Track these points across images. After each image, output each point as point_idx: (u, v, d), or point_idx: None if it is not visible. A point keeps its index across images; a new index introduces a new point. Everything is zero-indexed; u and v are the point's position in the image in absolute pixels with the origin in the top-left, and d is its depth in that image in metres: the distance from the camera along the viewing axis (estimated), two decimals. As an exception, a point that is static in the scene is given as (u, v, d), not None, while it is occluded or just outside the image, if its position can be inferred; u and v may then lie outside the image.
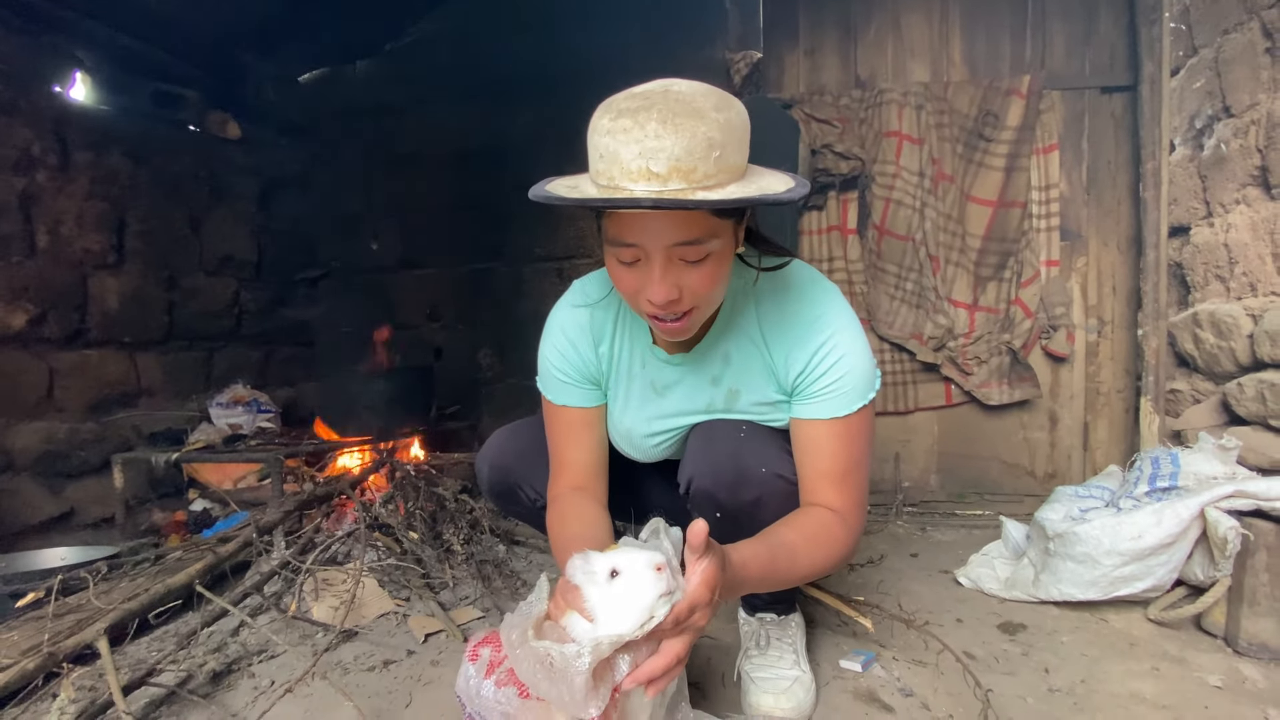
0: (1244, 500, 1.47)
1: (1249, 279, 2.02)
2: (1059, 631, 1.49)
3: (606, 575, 0.77)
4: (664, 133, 0.80)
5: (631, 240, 0.89)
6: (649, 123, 0.81)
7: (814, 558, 0.99)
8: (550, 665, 0.72)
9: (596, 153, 0.85)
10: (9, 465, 2.25)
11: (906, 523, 2.34)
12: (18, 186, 2.36)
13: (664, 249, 0.88)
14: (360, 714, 1.09)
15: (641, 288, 0.92)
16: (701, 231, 0.88)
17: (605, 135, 0.83)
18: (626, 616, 0.75)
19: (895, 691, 1.21)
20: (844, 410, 1.04)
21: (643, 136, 0.81)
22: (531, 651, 0.74)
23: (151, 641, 1.44)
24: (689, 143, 0.80)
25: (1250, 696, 1.24)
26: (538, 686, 0.74)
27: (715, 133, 0.82)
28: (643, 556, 0.77)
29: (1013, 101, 2.52)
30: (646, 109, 0.82)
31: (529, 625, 0.79)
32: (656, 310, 0.93)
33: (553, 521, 1.11)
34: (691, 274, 0.91)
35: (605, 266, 0.99)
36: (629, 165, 0.81)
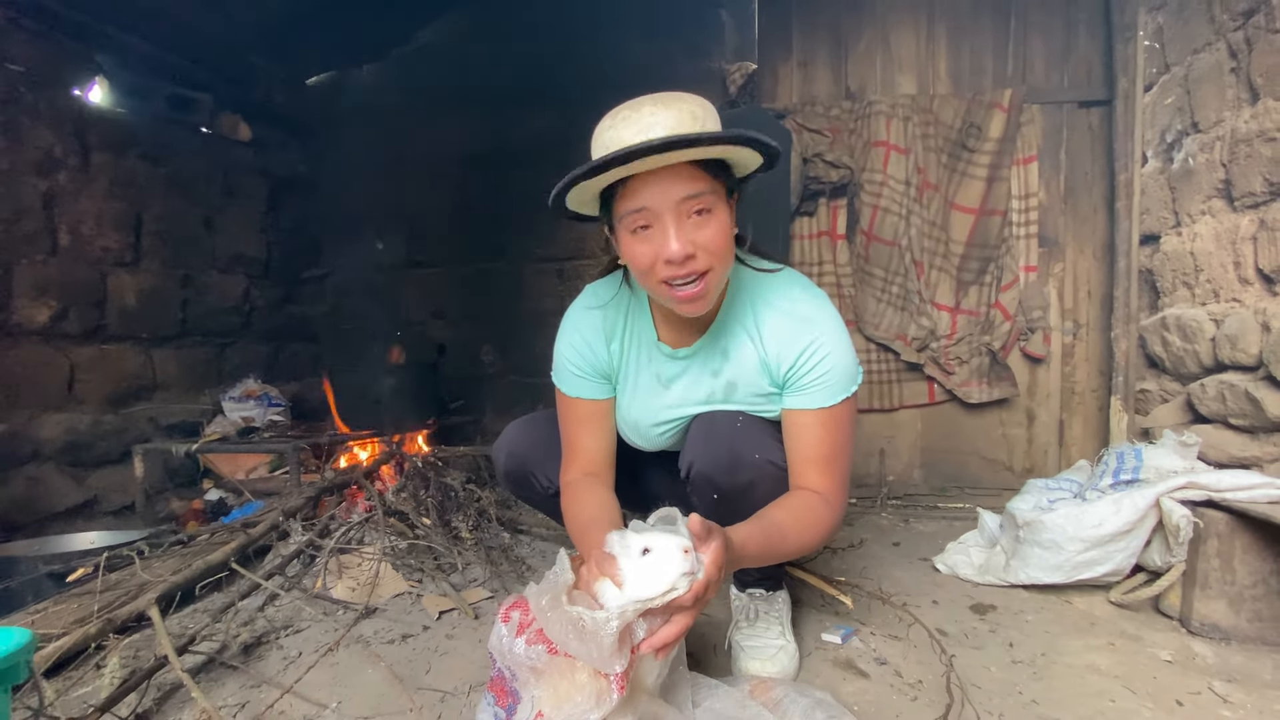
0: (1196, 491, 1.59)
1: (1212, 286, 2.15)
2: (1025, 611, 1.61)
3: (639, 551, 0.86)
4: (657, 110, 0.98)
5: (641, 204, 1.01)
6: (643, 107, 0.99)
7: (802, 536, 1.10)
8: (582, 627, 0.82)
9: (602, 145, 1.01)
10: (35, 454, 2.35)
11: (890, 514, 2.46)
12: (41, 187, 2.45)
13: (672, 205, 1.01)
14: (391, 673, 1.21)
15: (658, 251, 1.02)
16: (702, 186, 1.01)
17: (609, 130, 1.01)
18: (653, 585, 0.84)
19: (871, 661, 1.33)
20: (829, 401, 1.16)
21: (639, 118, 0.98)
22: (564, 615, 0.83)
23: (184, 617, 1.54)
24: (678, 114, 0.98)
25: (1197, 670, 1.35)
26: (568, 645, 0.83)
27: (697, 108, 1.00)
28: (673, 539, 0.86)
29: (995, 114, 2.64)
30: (640, 103, 1.01)
31: (560, 592, 0.88)
32: (675, 272, 1.03)
33: (569, 504, 1.21)
34: (700, 231, 1.02)
35: (621, 257, 1.11)
36: (629, 140, 0.97)
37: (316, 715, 1.15)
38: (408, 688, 1.22)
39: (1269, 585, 1.50)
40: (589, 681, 0.85)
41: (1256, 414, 1.89)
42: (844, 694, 1.20)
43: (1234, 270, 2.05)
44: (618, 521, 1.14)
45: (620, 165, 0.97)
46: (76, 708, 1.16)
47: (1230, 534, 1.52)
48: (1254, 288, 1.98)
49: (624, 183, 1.03)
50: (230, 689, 1.26)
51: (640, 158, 0.96)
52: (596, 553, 0.92)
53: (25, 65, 2.42)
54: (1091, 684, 1.27)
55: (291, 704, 1.18)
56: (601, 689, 0.83)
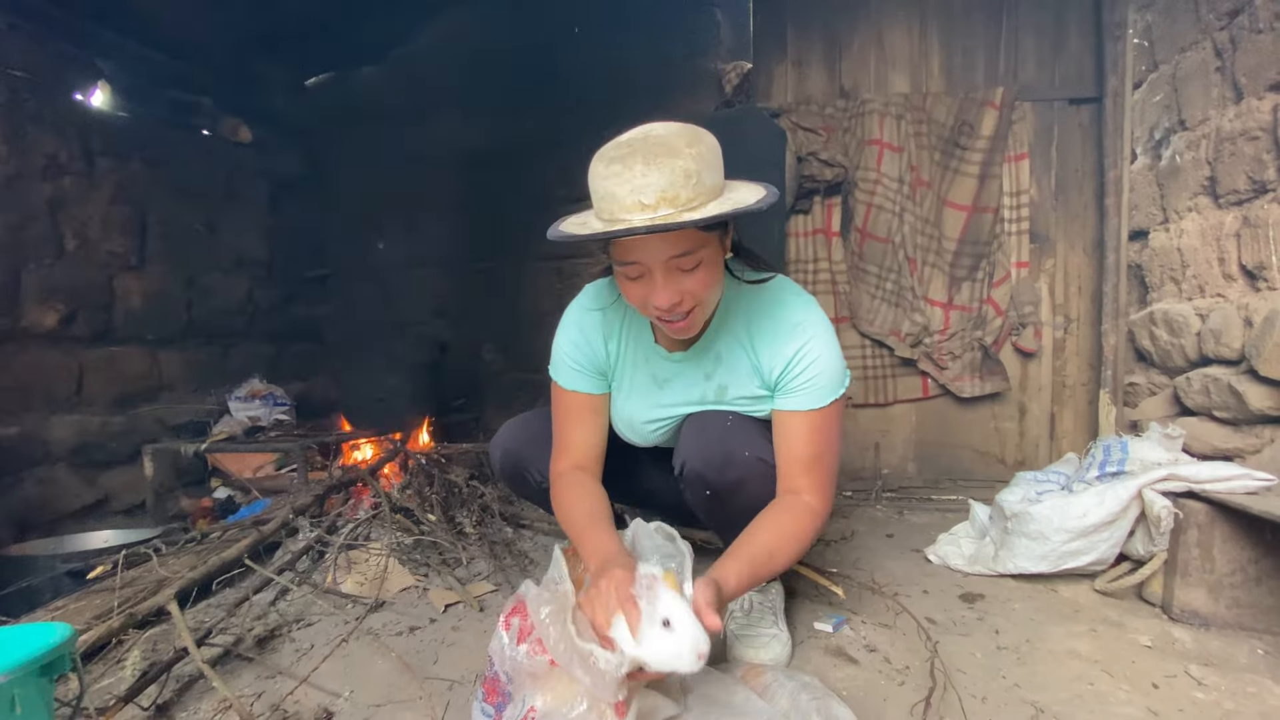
0: (1177, 483, 1.64)
1: (1198, 281, 2.19)
2: (1012, 600, 1.67)
3: (661, 620, 0.87)
4: (648, 171, 0.98)
5: (634, 259, 1.07)
6: (635, 165, 0.99)
7: (788, 554, 1.16)
8: (593, 664, 0.84)
9: (597, 195, 1.04)
10: (47, 455, 2.41)
11: (885, 507, 2.51)
12: (46, 192, 2.49)
13: (662, 263, 1.05)
14: (401, 663, 1.26)
15: (648, 296, 1.09)
16: (691, 244, 1.05)
17: (602, 180, 1.02)
18: (663, 659, 0.86)
19: (861, 648, 1.39)
20: (818, 404, 1.21)
21: (631, 177, 0.99)
22: (575, 647, 0.85)
23: (199, 612, 1.60)
24: (670, 176, 0.98)
25: (1176, 655, 1.40)
26: (572, 670, 0.85)
27: (690, 164, 1.00)
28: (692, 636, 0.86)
29: (987, 112, 2.68)
30: (631, 155, 1.00)
31: (566, 614, 0.90)
32: (663, 314, 1.10)
33: (560, 496, 1.26)
34: (688, 279, 1.08)
35: (615, 278, 1.17)
36: (624, 200, 1.00)
37: (331, 703, 1.20)
38: (417, 677, 1.28)
39: (1247, 573, 1.55)
40: (587, 695, 0.88)
41: (1239, 407, 1.94)
42: (833, 679, 1.26)
43: (1219, 266, 2.09)
44: (611, 519, 1.18)
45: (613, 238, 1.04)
46: (99, 699, 1.21)
47: (1210, 524, 1.56)
48: (1238, 283, 2.02)
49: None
50: (246, 680, 1.32)
51: (626, 236, 1.01)
52: (620, 583, 0.92)
53: (27, 71, 2.45)
54: (1072, 668, 1.32)
55: (306, 693, 1.24)
56: (601, 710, 0.87)
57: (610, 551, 1.05)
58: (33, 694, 0.64)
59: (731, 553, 1.09)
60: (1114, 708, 1.18)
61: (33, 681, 0.64)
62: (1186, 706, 1.19)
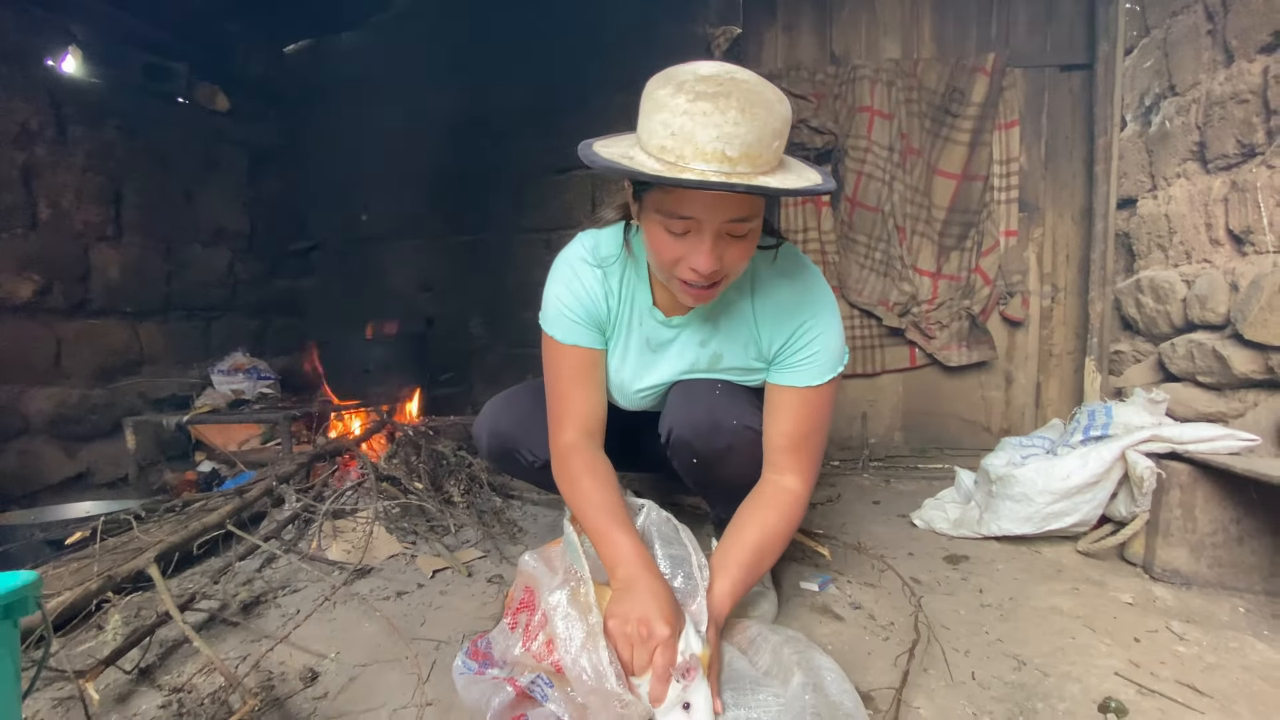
0: (1161, 444, 1.66)
1: (1185, 248, 2.19)
2: (996, 561, 1.69)
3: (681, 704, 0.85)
4: (742, 120, 0.86)
5: (689, 214, 0.95)
6: (730, 109, 0.86)
7: (778, 547, 1.15)
8: (620, 707, 0.83)
9: (668, 129, 0.88)
10: (26, 428, 2.37)
11: (872, 475, 2.53)
12: (18, 160, 2.42)
13: (718, 225, 0.96)
14: (388, 624, 1.25)
15: (685, 256, 0.99)
16: (751, 211, 0.97)
17: (681, 115, 0.87)
18: None
19: (846, 606, 1.40)
20: (815, 381, 1.18)
21: (723, 121, 0.86)
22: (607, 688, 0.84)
23: (183, 579, 1.58)
24: (760, 132, 0.88)
25: (1157, 612, 1.42)
26: (589, 698, 0.84)
27: (779, 124, 0.91)
28: None
29: (978, 79, 2.65)
30: (724, 95, 0.87)
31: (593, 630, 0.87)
32: (698, 278, 1.00)
33: (572, 475, 1.17)
34: (733, 248, 1.00)
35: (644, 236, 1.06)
36: (704, 146, 0.87)
37: (317, 664, 1.19)
38: (403, 638, 1.27)
39: (1228, 533, 1.57)
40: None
41: (1223, 371, 1.95)
42: (819, 635, 1.27)
43: (1205, 232, 2.09)
44: (626, 509, 1.13)
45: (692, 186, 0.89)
46: (80, 663, 1.20)
47: (1192, 484, 1.58)
48: (1224, 248, 2.03)
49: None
50: (231, 644, 1.31)
51: (705, 189, 0.89)
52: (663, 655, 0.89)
53: (-3, 35, 2.37)
54: (1054, 624, 1.34)
55: (292, 655, 1.23)
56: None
57: (634, 561, 1.01)
58: (-4, 637, 0.62)
59: (723, 565, 1.07)
60: (1096, 660, 1.19)
61: (-4, 624, 0.63)
62: (1168, 659, 1.21)
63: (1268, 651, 1.25)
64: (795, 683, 0.83)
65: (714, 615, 0.98)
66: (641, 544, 1.05)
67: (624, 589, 0.97)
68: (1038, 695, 1.08)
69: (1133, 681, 1.12)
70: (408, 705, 1.06)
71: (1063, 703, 1.06)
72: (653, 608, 0.92)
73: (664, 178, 0.88)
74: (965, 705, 1.05)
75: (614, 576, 1.01)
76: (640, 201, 1.04)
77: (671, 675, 0.87)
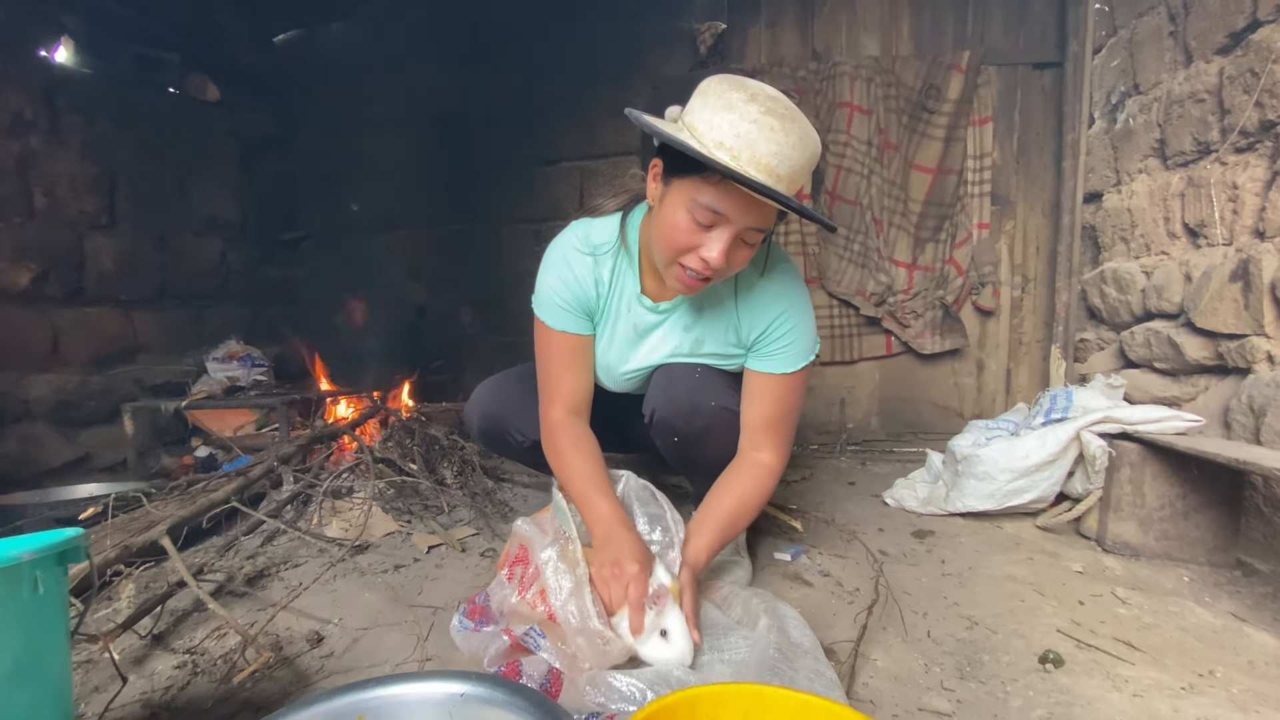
0: (1113, 425, 1.76)
1: (1145, 240, 2.30)
2: (960, 535, 1.79)
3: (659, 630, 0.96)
4: (798, 146, 0.99)
5: (722, 210, 1.04)
6: (793, 134, 0.99)
7: (751, 512, 1.28)
8: (599, 645, 0.92)
9: (733, 130, 0.98)
10: (27, 413, 2.42)
11: (849, 459, 2.64)
12: (13, 150, 2.46)
13: (741, 227, 1.06)
14: (388, 590, 1.34)
15: (700, 246, 1.08)
16: (769, 223, 1.09)
17: (750, 122, 0.97)
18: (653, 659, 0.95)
19: (816, 574, 1.50)
20: (789, 368, 1.30)
21: (785, 142, 0.98)
22: (588, 625, 0.93)
23: (189, 555, 1.65)
24: (805, 161, 1.02)
25: (1104, 580, 1.53)
26: (574, 638, 0.93)
27: (812, 161, 1.04)
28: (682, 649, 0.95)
29: (953, 76, 2.74)
30: (792, 120, 1.00)
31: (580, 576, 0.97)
32: (703, 269, 1.09)
33: (559, 446, 1.28)
34: (740, 252, 1.11)
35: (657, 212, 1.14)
36: (762, 157, 0.98)
37: (321, 628, 1.28)
38: (402, 605, 1.36)
39: (1174, 508, 1.68)
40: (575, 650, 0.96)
41: (1177, 358, 2.06)
42: (789, 599, 1.36)
43: (1164, 225, 2.20)
44: (608, 477, 1.23)
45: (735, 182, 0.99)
46: (96, 628, 1.27)
47: (1141, 462, 1.69)
48: (1180, 241, 2.14)
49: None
50: (239, 612, 1.38)
51: (763, 195, 0.99)
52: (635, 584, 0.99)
53: (-11, 25, 2.40)
54: (1007, 589, 1.44)
55: (298, 620, 1.31)
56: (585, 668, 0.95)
57: (613, 520, 1.12)
58: (51, 580, 0.70)
59: (701, 523, 1.19)
60: (1041, 619, 1.30)
61: (50, 567, 0.71)
62: (1108, 619, 1.31)
63: (1205, 615, 1.35)
64: (761, 626, 0.93)
65: (690, 561, 1.09)
66: (619, 506, 1.16)
67: (602, 543, 1.08)
68: (985, 649, 1.18)
69: (1072, 638, 1.22)
70: (409, 660, 1.15)
71: (1007, 655, 1.16)
72: (625, 552, 1.03)
73: (726, 168, 0.97)
74: (918, 658, 1.15)
75: (594, 534, 1.12)
76: (668, 184, 1.11)
77: (644, 604, 0.97)
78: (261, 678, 1.11)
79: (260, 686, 1.09)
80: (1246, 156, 1.86)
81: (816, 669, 0.88)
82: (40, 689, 0.70)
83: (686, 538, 1.14)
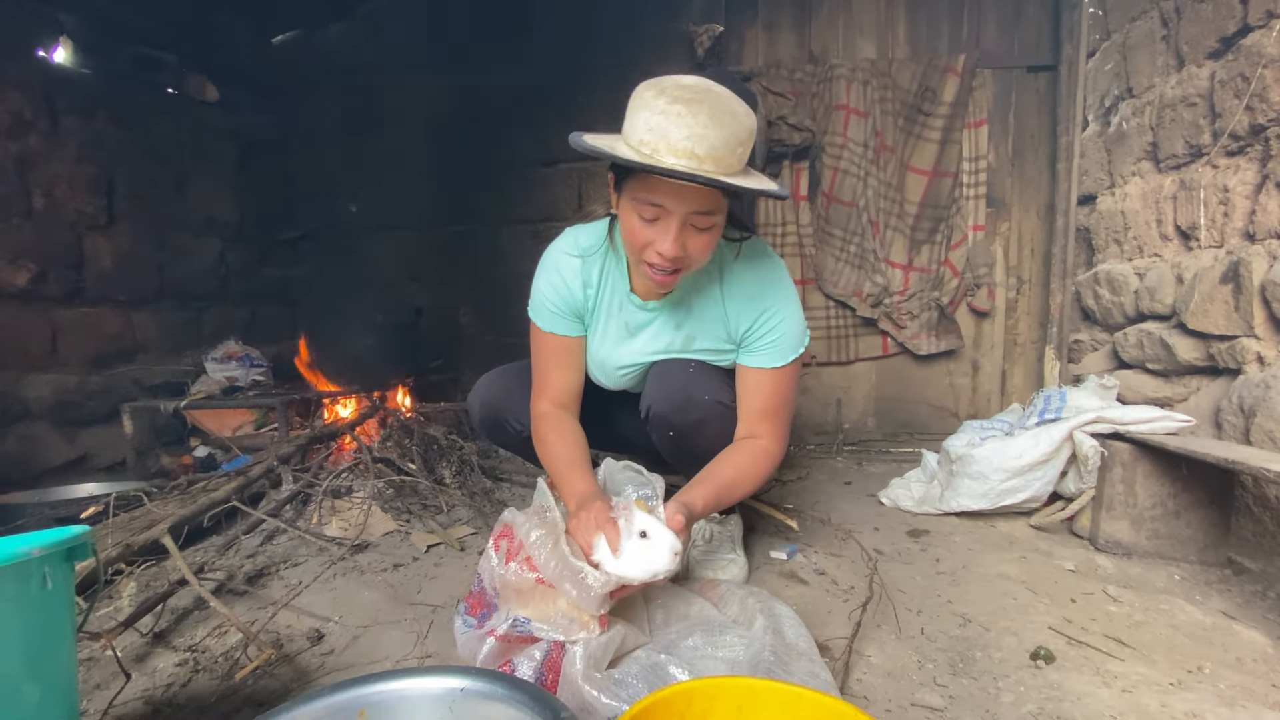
0: (1105, 425, 1.79)
1: (1138, 242, 2.32)
2: (954, 535, 1.81)
3: (638, 532, 0.98)
4: (711, 125, 1.00)
5: (659, 201, 1.09)
6: (701, 114, 1.00)
7: (746, 485, 1.29)
8: (582, 580, 0.94)
9: (646, 126, 1.02)
10: (26, 413, 2.42)
11: (845, 459, 2.66)
12: (12, 150, 2.46)
13: (684, 214, 1.09)
14: (387, 588, 1.35)
15: (654, 241, 1.11)
16: (714, 206, 1.11)
17: (659, 115, 1.01)
18: (643, 568, 0.97)
19: (811, 572, 1.52)
20: (779, 362, 1.32)
21: (694, 124, 1.00)
22: (568, 565, 0.95)
23: (190, 554, 1.66)
24: (726, 139, 1.01)
25: (1096, 578, 1.55)
26: (561, 585, 0.95)
27: (744, 134, 1.04)
28: (667, 538, 0.98)
29: (949, 78, 2.76)
30: (698, 102, 1.01)
31: (559, 537, 0.99)
32: (661, 262, 1.13)
33: (543, 433, 1.34)
34: (696, 239, 1.13)
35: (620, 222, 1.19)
36: (676, 144, 1.00)
37: (322, 626, 1.29)
38: (402, 603, 1.37)
39: (1166, 507, 1.70)
40: (569, 609, 0.98)
41: (1169, 358, 2.09)
42: (785, 597, 1.38)
43: (1156, 227, 2.23)
44: (588, 460, 1.27)
45: (662, 175, 1.02)
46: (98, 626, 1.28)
47: (1133, 462, 1.71)
48: (1173, 243, 2.16)
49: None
50: (240, 610, 1.40)
51: (680, 180, 1.01)
52: (599, 511, 1.03)
53: (-12, 25, 2.40)
54: (1000, 587, 1.46)
55: (298, 618, 1.33)
56: (584, 620, 0.97)
57: (587, 492, 1.15)
58: (59, 576, 0.71)
59: (697, 481, 1.21)
60: (1033, 616, 1.32)
61: (59, 564, 0.72)
62: (1099, 616, 1.33)
63: (1195, 613, 1.37)
64: (757, 626, 0.94)
65: (683, 500, 1.10)
66: (594, 482, 1.20)
67: (575, 513, 1.10)
68: (977, 646, 1.20)
69: (1064, 635, 1.24)
70: (409, 657, 1.16)
71: (999, 652, 1.18)
72: (595, 506, 1.05)
73: (638, 163, 1.01)
74: (912, 655, 1.17)
75: (569, 508, 1.15)
76: (620, 192, 1.16)
77: (611, 519, 1.00)
78: (263, 675, 1.12)
79: (261, 683, 1.11)
80: (1237, 160, 1.88)
81: (812, 670, 0.89)
82: (49, 684, 0.71)
83: (681, 491, 1.15)
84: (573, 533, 1.04)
